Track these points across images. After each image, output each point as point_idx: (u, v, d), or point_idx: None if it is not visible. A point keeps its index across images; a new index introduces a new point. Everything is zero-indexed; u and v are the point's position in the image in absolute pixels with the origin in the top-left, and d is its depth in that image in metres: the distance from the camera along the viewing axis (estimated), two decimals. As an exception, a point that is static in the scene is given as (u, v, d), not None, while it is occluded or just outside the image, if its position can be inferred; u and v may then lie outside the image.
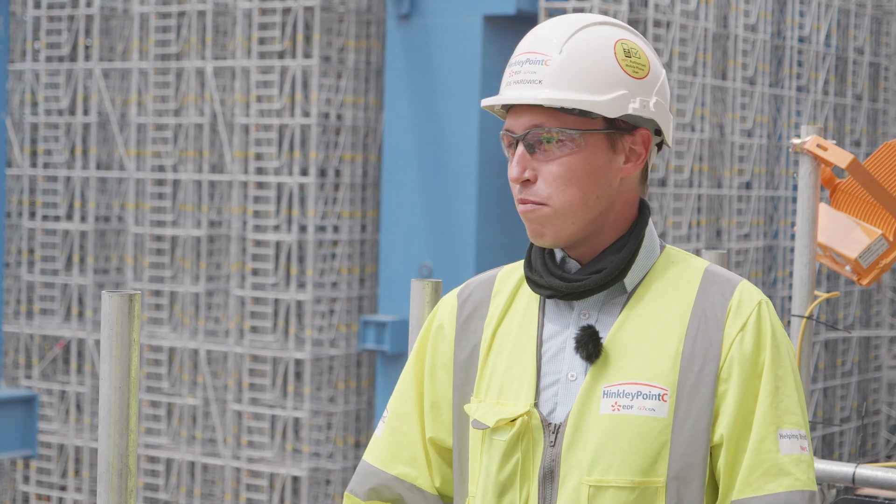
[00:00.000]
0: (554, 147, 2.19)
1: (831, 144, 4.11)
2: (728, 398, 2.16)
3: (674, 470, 2.15)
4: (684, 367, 2.17)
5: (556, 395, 2.21)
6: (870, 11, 20.24)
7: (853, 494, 4.66)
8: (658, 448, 2.15)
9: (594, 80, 2.18)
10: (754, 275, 18.00)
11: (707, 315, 2.20)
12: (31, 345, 18.48)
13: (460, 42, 16.35)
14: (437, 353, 2.34)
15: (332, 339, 16.96)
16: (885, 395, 20.83)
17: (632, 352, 2.18)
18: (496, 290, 2.33)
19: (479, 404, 2.25)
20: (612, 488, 2.15)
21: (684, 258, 2.27)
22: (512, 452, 2.21)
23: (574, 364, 2.21)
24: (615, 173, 2.21)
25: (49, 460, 18.10)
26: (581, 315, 2.23)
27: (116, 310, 2.26)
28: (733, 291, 2.22)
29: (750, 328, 2.18)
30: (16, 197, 18.94)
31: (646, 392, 2.16)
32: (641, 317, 2.21)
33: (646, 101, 2.21)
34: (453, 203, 16.47)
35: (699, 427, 2.16)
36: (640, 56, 2.23)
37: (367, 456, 2.37)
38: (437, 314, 2.37)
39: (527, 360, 2.23)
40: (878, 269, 4.29)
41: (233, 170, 17.03)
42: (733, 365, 2.17)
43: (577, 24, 2.22)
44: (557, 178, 2.18)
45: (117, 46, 18.31)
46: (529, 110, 2.20)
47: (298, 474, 16.39)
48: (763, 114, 18.28)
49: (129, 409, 2.28)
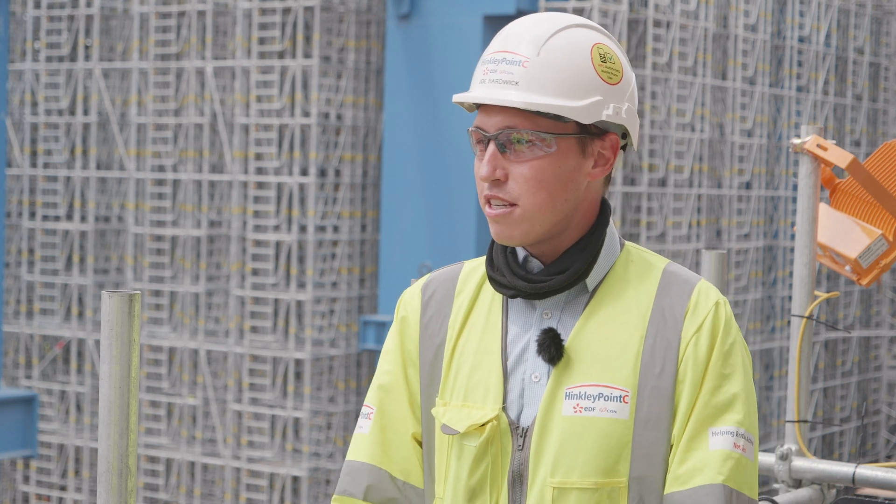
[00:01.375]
0: (525, 148, 2.19)
1: (831, 144, 4.11)
2: (682, 399, 2.18)
3: (636, 470, 2.17)
4: (644, 368, 2.18)
5: (521, 396, 2.21)
6: (870, 11, 20.24)
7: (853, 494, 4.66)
8: (620, 449, 2.16)
9: (571, 86, 2.18)
10: (754, 275, 18.01)
11: (666, 316, 2.21)
12: (31, 345, 18.48)
13: (460, 42, 16.35)
14: (406, 349, 2.33)
15: (332, 339, 16.96)
16: (885, 395, 20.83)
17: (593, 353, 2.19)
18: (459, 287, 2.32)
19: (444, 408, 2.25)
20: (576, 490, 2.16)
21: (644, 257, 2.28)
22: (482, 458, 2.21)
23: (537, 365, 2.21)
24: (583, 177, 2.22)
25: (49, 460, 18.10)
26: (543, 315, 2.23)
27: (116, 310, 2.26)
28: (691, 292, 2.23)
29: (705, 329, 2.20)
30: (16, 197, 18.94)
31: (607, 394, 2.17)
32: (602, 317, 2.21)
33: (619, 108, 2.21)
34: (453, 203, 16.47)
35: (660, 427, 2.17)
36: (615, 61, 2.23)
37: (356, 455, 2.34)
38: (402, 308, 2.36)
39: (492, 363, 2.23)
40: (878, 269, 4.29)
41: (233, 170, 17.03)
42: (688, 366, 2.18)
43: (554, 25, 2.22)
44: (528, 181, 2.18)
45: (117, 46, 18.31)
46: (503, 111, 2.19)
47: (298, 474, 16.40)
48: (763, 114, 18.28)
49: (129, 409, 2.28)
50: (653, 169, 16.43)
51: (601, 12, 15.49)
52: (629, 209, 16.30)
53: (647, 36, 16.14)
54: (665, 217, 16.49)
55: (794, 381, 4.01)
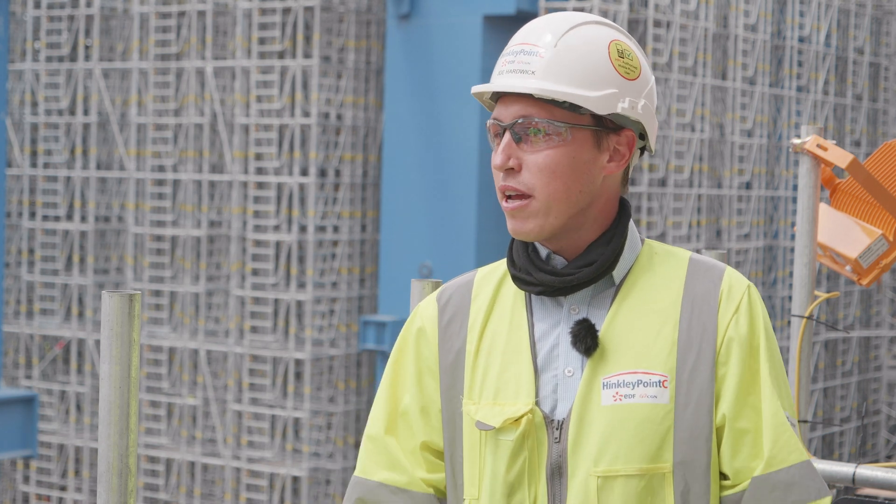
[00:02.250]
0: (541, 138, 2.20)
1: (831, 144, 4.11)
2: (728, 379, 2.20)
3: (679, 454, 2.18)
4: (681, 352, 2.20)
5: (554, 391, 2.22)
6: (870, 11, 20.24)
7: (853, 494, 4.66)
8: (663, 434, 2.18)
9: (587, 76, 2.20)
10: (754, 275, 18.00)
11: (699, 301, 2.23)
12: (31, 345, 18.48)
13: (460, 42, 16.35)
14: (421, 357, 2.34)
15: (332, 339, 16.95)
16: (885, 395, 20.82)
17: (627, 342, 2.20)
18: (475, 293, 2.33)
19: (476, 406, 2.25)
20: (621, 477, 2.17)
21: (667, 249, 2.31)
22: (519, 452, 2.21)
23: (570, 359, 2.22)
24: (598, 171, 2.23)
25: (49, 460, 18.10)
26: (571, 310, 2.24)
27: (116, 310, 2.26)
28: (722, 277, 2.25)
29: (743, 311, 2.22)
30: (16, 197, 18.94)
31: (646, 380, 2.18)
32: (633, 307, 2.23)
33: (634, 103, 2.23)
34: (453, 203, 16.46)
35: (701, 410, 2.19)
36: (633, 58, 2.26)
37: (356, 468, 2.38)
38: (417, 319, 2.37)
39: (522, 360, 2.24)
40: (878, 269, 4.30)
41: (233, 170, 17.03)
42: (731, 347, 2.20)
43: (574, 20, 2.25)
44: (542, 170, 2.20)
45: (117, 46, 18.31)
46: (519, 100, 2.22)
47: (298, 474, 16.39)
48: (763, 114, 18.28)
49: (129, 409, 2.28)
50: (653, 169, 16.43)
51: (601, 12, 15.49)
52: (629, 209, 16.27)
53: (647, 36, 16.15)
54: (665, 217, 16.49)
55: (794, 381, 4.02)
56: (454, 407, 2.29)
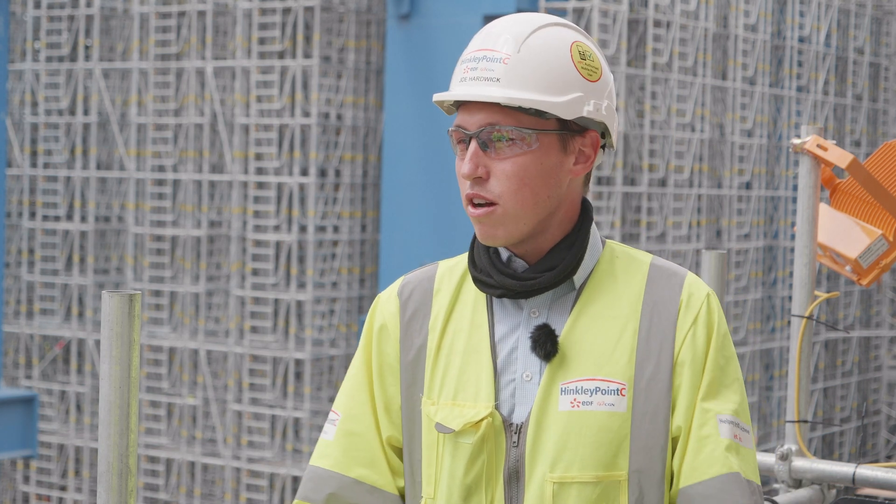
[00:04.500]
0: (507, 146, 2.19)
1: (831, 144, 4.11)
2: (682, 390, 2.20)
3: (635, 463, 2.18)
4: (640, 360, 2.19)
5: (513, 395, 2.21)
6: (870, 11, 20.24)
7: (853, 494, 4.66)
8: (619, 442, 2.17)
9: (551, 81, 2.19)
10: (754, 275, 18.01)
11: (658, 308, 2.22)
12: (31, 345, 18.48)
13: (460, 42, 16.26)
14: (382, 353, 2.32)
15: (332, 339, 16.96)
16: (885, 395, 20.83)
17: (587, 348, 2.20)
18: (437, 287, 2.32)
19: (434, 406, 2.24)
20: (576, 484, 2.17)
21: (628, 253, 2.29)
22: (478, 455, 2.21)
23: (529, 363, 2.21)
24: (565, 174, 2.22)
25: (49, 460, 18.11)
26: (531, 314, 2.23)
27: (116, 310, 2.26)
28: (682, 285, 2.25)
29: (701, 321, 2.22)
30: (16, 197, 18.94)
31: (604, 387, 2.18)
32: (593, 313, 2.22)
33: (599, 104, 2.22)
34: (453, 203, 16.46)
35: (657, 419, 2.19)
36: (594, 59, 2.25)
37: (319, 461, 2.32)
38: (378, 314, 2.36)
39: (482, 362, 2.23)
40: (878, 269, 4.29)
41: (233, 170, 17.03)
42: (687, 358, 2.20)
43: (533, 23, 2.24)
44: (510, 178, 2.19)
45: (117, 46, 18.31)
46: (485, 108, 2.20)
47: (298, 474, 16.39)
48: (763, 114, 18.28)
49: (129, 409, 2.28)
50: (653, 169, 16.43)
51: (601, 12, 15.49)
52: (629, 209, 16.29)
53: (647, 36, 16.15)
54: (665, 217, 16.49)
55: (794, 381, 4.02)
56: (413, 405, 2.28)
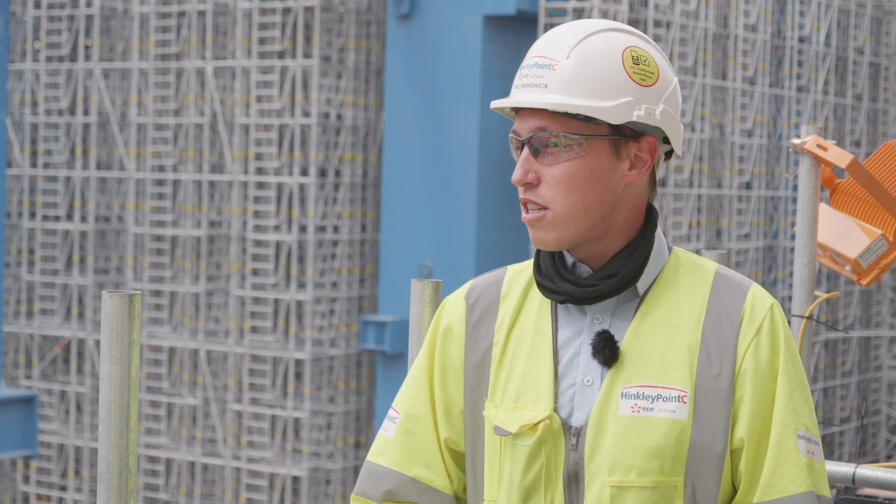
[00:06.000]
0: (558, 151, 2.20)
1: (831, 144, 4.11)
2: (746, 401, 2.19)
3: (692, 470, 2.19)
4: (702, 369, 2.20)
5: (572, 399, 2.22)
6: (870, 11, 20.24)
7: (853, 494, 4.66)
8: (678, 448, 2.18)
9: (599, 86, 2.19)
10: (754, 275, 18.00)
11: (721, 318, 2.22)
12: (31, 345, 18.48)
13: (460, 42, 16.35)
14: (447, 356, 2.34)
15: (332, 339, 16.95)
16: (885, 395, 20.83)
17: (648, 355, 2.21)
18: (504, 292, 2.33)
19: (496, 410, 2.26)
20: (635, 488, 2.18)
21: (693, 260, 2.29)
22: (536, 457, 2.22)
23: (590, 369, 2.22)
24: (619, 179, 2.22)
25: (49, 460, 18.10)
26: (594, 320, 2.24)
27: (116, 310, 2.26)
28: (745, 295, 2.24)
29: (765, 332, 2.21)
30: (16, 197, 18.94)
31: (665, 394, 2.19)
32: (655, 320, 2.23)
33: (652, 109, 2.22)
34: (453, 203, 16.47)
35: (717, 428, 2.19)
36: (650, 64, 2.25)
37: (378, 458, 2.35)
38: (445, 316, 2.37)
39: (544, 366, 2.24)
40: (878, 269, 4.29)
41: (233, 170, 17.03)
42: (749, 369, 2.20)
43: (588, 29, 2.24)
44: (560, 182, 2.20)
45: (117, 46, 18.31)
46: (535, 114, 2.22)
47: (298, 474, 16.39)
48: (763, 114, 18.28)
49: (129, 409, 2.28)
50: (653, 169, 16.42)
51: (601, 12, 15.49)
52: (629, 209, 16.28)
53: (646, 36, 16.14)
54: (665, 217, 16.49)
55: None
56: (478, 408, 2.29)
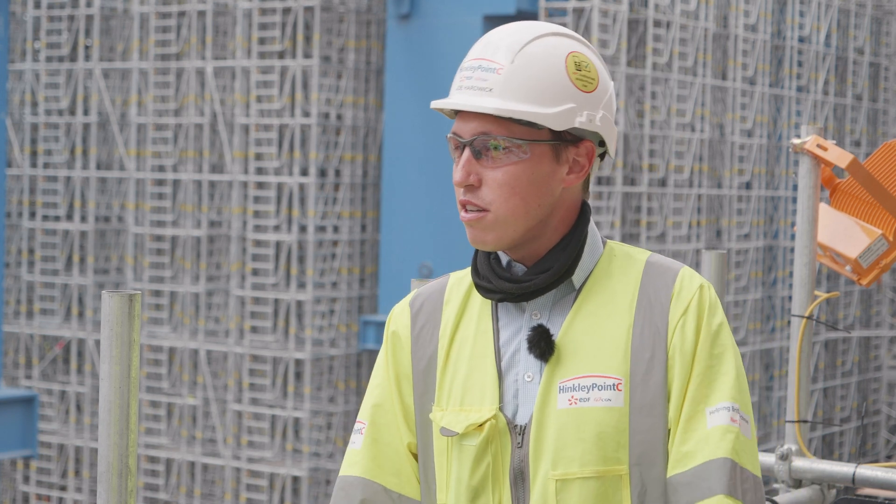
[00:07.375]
0: (501, 155, 2.22)
1: (831, 144, 4.11)
2: (675, 382, 2.21)
3: (635, 456, 2.20)
4: (635, 355, 2.21)
5: (516, 397, 2.24)
6: (870, 11, 20.24)
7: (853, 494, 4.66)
8: (617, 436, 2.19)
9: (543, 93, 2.20)
10: (754, 275, 18.01)
11: (652, 302, 2.24)
12: (31, 345, 18.48)
13: (460, 42, 16.35)
14: (398, 363, 2.36)
15: (332, 339, 16.96)
16: (885, 395, 20.83)
17: (583, 346, 2.22)
18: (447, 298, 2.36)
19: (442, 413, 2.27)
20: (578, 480, 2.19)
21: (626, 251, 2.31)
22: (483, 457, 2.23)
23: (529, 365, 2.24)
24: (558, 183, 2.24)
25: (49, 460, 18.11)
26: (532, 316, 2.26)
27: (116, 310, 2.26)
28: (675, 278, 2.26)
29: (691, 311, 2.23)
30: (16, 197, 18.94)
31: (600, 383, 2.20)
32: (589, 312, 2.24)
33: (592, 115, 2.23)
34: (453, 203, 16.42)
35: (655, 412, 2.20)
36: (591, 69, 2.26)
37: (349, 470, 2.35)
38: (392, 324, 2.40)
39: (487, 366, 2.26)
40: (878, 269, 4.29)
41: (233, 170, 17.03)
42: (677, 349, 2.21)
43: (531, 33, 2.24)
44: (502, 186, 2.21)
45: (117, 46, 18.31)
46: (478, 117, 2.23)
47: (298, 474, 16.40)
48: (763, 114, 18.28)
49: (129, 409, 2.28)
50: (653, 169, 16.43)
51: (601, 12, 15.49)
52: (629, 209, 16.30)
53: (647, 36, 16.14)
54: (665, 217, 16.49)
55: (794, 381, 4.02)
56: (426, 413, 2.31)
